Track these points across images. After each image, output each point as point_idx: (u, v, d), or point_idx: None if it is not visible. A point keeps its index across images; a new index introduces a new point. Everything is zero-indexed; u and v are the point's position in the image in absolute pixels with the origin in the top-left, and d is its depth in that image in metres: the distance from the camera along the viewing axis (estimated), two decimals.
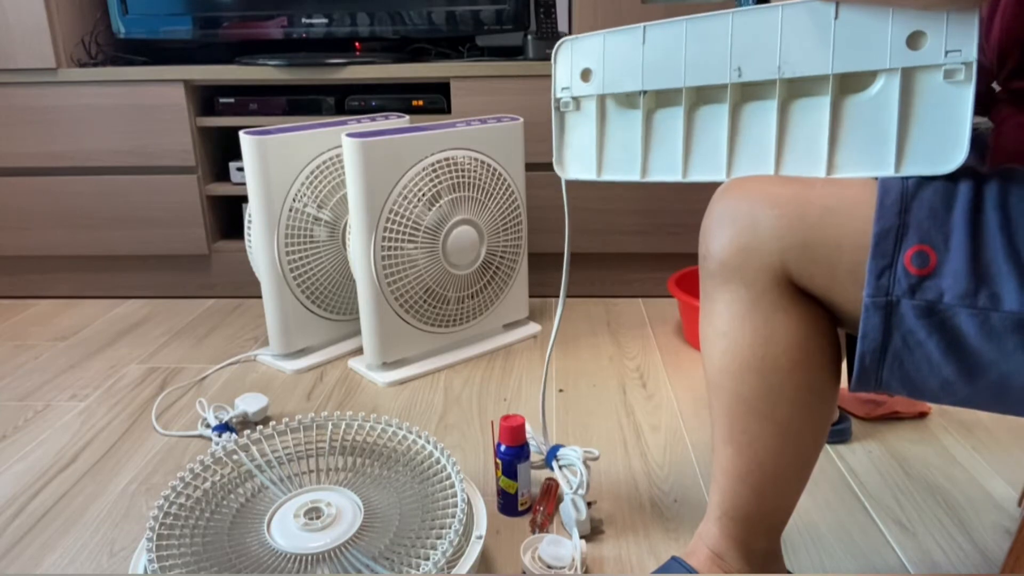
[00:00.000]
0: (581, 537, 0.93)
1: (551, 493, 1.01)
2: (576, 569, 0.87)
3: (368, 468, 0.96)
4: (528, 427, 1.07)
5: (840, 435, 1.14)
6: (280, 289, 1.40)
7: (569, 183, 0.88)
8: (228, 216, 1.89)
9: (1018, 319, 0.54)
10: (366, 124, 1.46)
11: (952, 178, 0.59)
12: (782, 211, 0.62)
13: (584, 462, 1.00)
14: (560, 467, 1.01)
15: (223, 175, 1.84)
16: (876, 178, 0.61)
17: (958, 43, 0.59)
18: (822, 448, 0.71)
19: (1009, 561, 0.82)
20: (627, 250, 1.74)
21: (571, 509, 0.94)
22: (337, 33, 1.72)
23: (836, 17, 0.64)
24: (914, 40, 0.61)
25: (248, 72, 1.67)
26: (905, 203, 0.58)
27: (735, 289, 0.66)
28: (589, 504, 0.97)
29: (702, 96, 0.73)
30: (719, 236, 0.66)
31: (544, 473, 1.08)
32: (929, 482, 1.05)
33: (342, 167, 1.42)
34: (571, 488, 0.97)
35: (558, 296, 1.82)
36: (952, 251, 0.56)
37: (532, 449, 1.07)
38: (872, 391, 0.65)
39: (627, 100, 0.78)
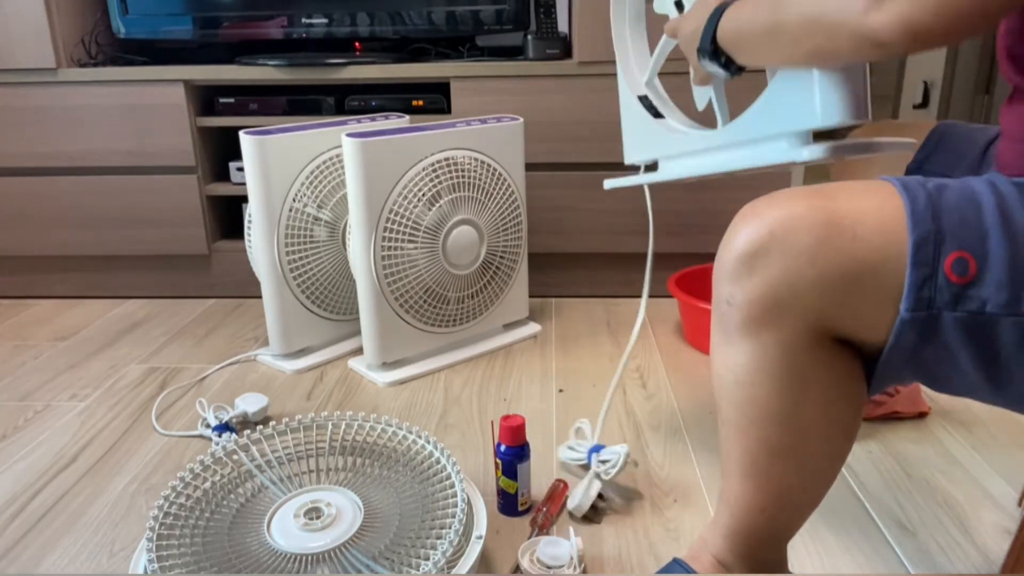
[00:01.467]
0: (583, 517, 0.96)
1: (557, 494, 1.01)
2: (575, 566, 0.87)
3: (368, 468, 0.96)
4: (585, 425, 1.10)
5: None
6: (280, 289, 1.40)
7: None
8: (228, 216, 1.89)
9: None
10: (366, 124, 1.46)
11: (970, 184, 0.58)
12: (823, 271, 0.57)
13: (626, 456, 1.01)
14: (601, 461, 1.02)
15: (223, 175, 1.84)
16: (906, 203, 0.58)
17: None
18: (840, 470, 0.69)
19: (1009, 561, 0.82)
20: (627, 250, 1.74)
21: (584, 485, 0.97)
22: (337, 33, 1.72)
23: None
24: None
25: (248, 72, 1.67)
26: (934, 208, 0.56)
27: (765, 342, 0.62)
28: (600, 496, 0.99)
29: None
30: (747, 286, 0.61)
31: (547, 473, 1.09)
32: (929, 482, 1.05)
33: (342, 167, 1.43)
34: (598, 466, 1.00)
35: (558, 296, 1.82)
36: (992, 257, 0.54)
37: (574, 451, 1.09)
38: (884, 387, 0.64)
39: None
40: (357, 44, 1.80)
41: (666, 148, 0.98)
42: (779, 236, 0.59)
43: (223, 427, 1.19)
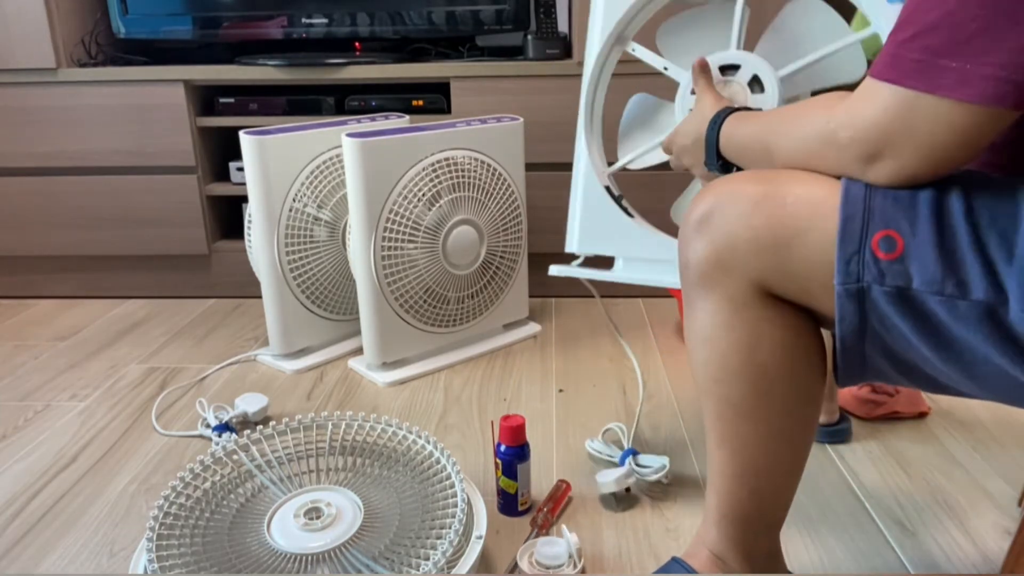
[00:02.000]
0: (607, 496, 0.99)
1: (559, 495, 1.00)
2: (574, 563, 0.87)
3: (368, 468, 0.96)
4: (616, 428, 1.11)
5: (840, 435, 1.14)
6: (280, 289, 1.40)
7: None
8: (228, 216, 1.89)
9: (985, 308, 0.54)
10: (366, 124, 1.46)
11: None
12: (757, 233, 0.62)
13: (664, 470, 1.04)
14: (638, 464, 1.05)
15: (223, 175, 1.84)
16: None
17: None
18: (812, 443, 0.71)
19: (1009, 561, 0.82)
20: None
21: (624, 471, 1.00)
22: (337, 33, 1.72)
23: None
24: None
25: (248, 72, 1.67)
26: (869, 192, 0.59)
27: (717, 299, 0.66)
28: (628, 489, 1.02)
29: None
30: (696, 247, 0.66)
31: (547, 473, 1.09)
32: (929, 482, 1.05)
33: (342, 167, 1.42)
34: (635, 467, 1.03)
35: (558, 296, 1.82)
36: (918, 237, 0.56)
37: (605, 447, 1.10)
38: (859, 376, 0.65)
39: None
40: (357, 44, 1.80)
41: (631, 248, 0.98)
42: (722, 203, 0.65)
43: (223, 427, 1.19)
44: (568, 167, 1.71)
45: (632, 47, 1.03)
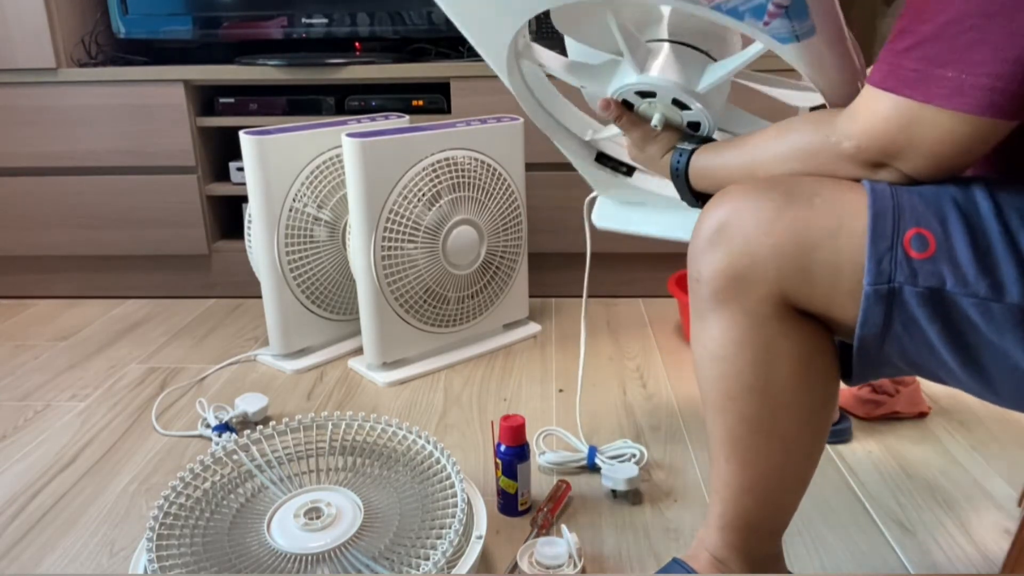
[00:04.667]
0: (615, 492, 1.00)
1: (559, 495, 1.00)
2: (574, 563, 0.87)
3: (368, 468, 0.96)
4: (556, 431, 1.08)
5: (840, 435, 1.14)
6: (280, 289, 1.40)
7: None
8: (228, 216, 1.89)
9: (1020, 311, 0.53)
10: (366, 124, 1.46)
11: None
12: (779, 240, 0.60)
13: (636, 455, 1.08)
14: (609, 457, 1.06)
15: (223, 175, 1.84)
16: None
17: None
18: (823, 450, 0.70)
19: (1009, 561, 0.82)
20: (627, 250, 1.74)
21: (620, 470, 1.01)
22: (337, 33, 1.72)
23: None
24: None
25: (248, 72, 1.67)
26: (894, 189, 0.58)
27: (731, 315, 0.64)
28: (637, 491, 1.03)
29: None
30: (711, 260, 0.64)
31: (547, 473, 1.09)
32: (929, 482, 1.05)
33: (342, 167, 1.42)
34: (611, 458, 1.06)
35: (558, 296, 1.82)
36: (951, 236, 0.55)
37: (562, 454, 1.09)
38: (872, 377, 0.64)
39: None
40: (357, 44, 1.80)
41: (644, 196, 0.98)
42: (740, 211, 0.62)
43: (223, 427, 1.19)
44: (569, 167, 1.71)
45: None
